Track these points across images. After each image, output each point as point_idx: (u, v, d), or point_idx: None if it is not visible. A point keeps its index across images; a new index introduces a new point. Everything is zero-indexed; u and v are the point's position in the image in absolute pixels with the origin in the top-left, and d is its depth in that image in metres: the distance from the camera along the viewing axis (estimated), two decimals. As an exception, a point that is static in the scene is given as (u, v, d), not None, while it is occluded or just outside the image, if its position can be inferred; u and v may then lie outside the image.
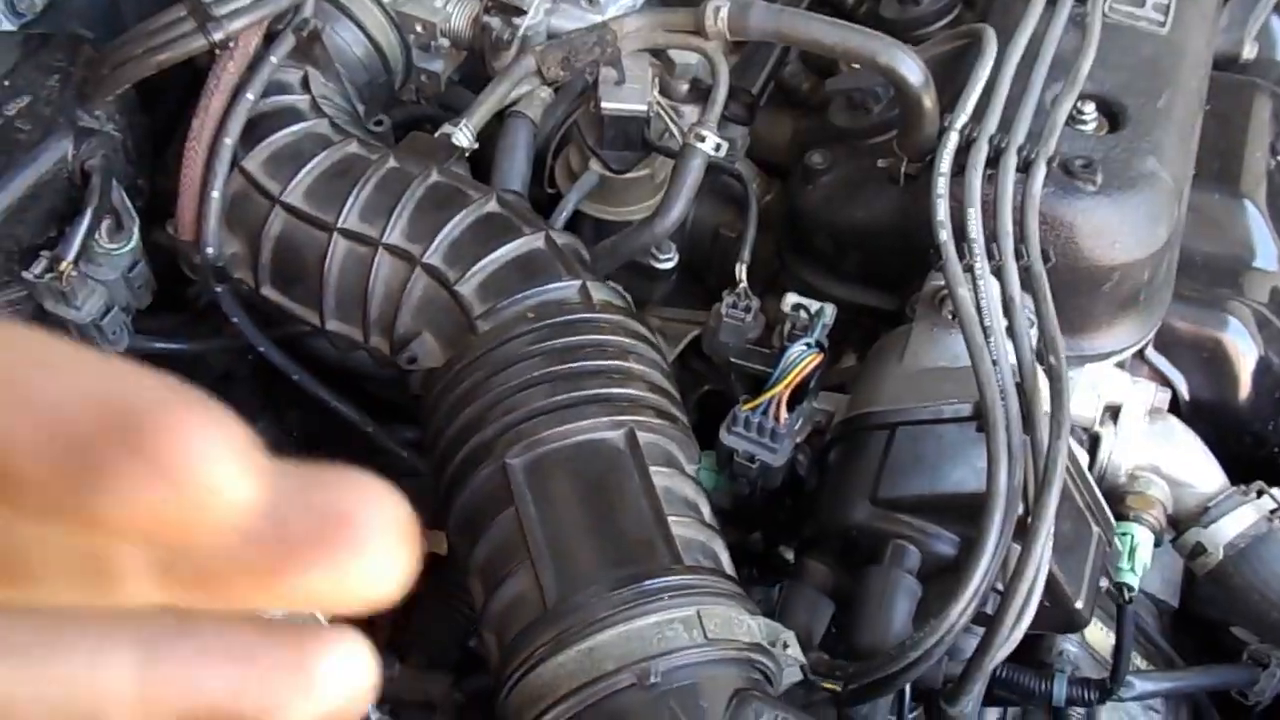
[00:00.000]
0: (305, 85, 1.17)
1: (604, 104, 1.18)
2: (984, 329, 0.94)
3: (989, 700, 1.01)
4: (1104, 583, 1.01)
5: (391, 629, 1.26)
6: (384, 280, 1.04)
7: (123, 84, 1.09)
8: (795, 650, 0.84)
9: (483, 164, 1.19)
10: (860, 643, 0.90)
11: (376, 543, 0.27)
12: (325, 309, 1.07)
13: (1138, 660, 1.11)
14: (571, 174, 1.24)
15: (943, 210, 1.01)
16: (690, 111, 1.26)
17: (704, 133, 1.12)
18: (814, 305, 1.08)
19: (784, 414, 1.02)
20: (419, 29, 1.28)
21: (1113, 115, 1.12)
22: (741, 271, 1.14)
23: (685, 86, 1.28)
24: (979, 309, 0.95)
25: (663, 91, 1.24)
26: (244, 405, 1.36)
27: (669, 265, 1.21)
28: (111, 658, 0.27)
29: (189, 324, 1.27)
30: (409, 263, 1.03)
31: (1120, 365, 1.16)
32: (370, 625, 0.29)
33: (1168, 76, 1.16)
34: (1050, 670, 1.05)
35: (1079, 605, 0.94)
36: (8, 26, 1.25)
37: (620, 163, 1.21)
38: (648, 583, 0.81)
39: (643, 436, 0.92)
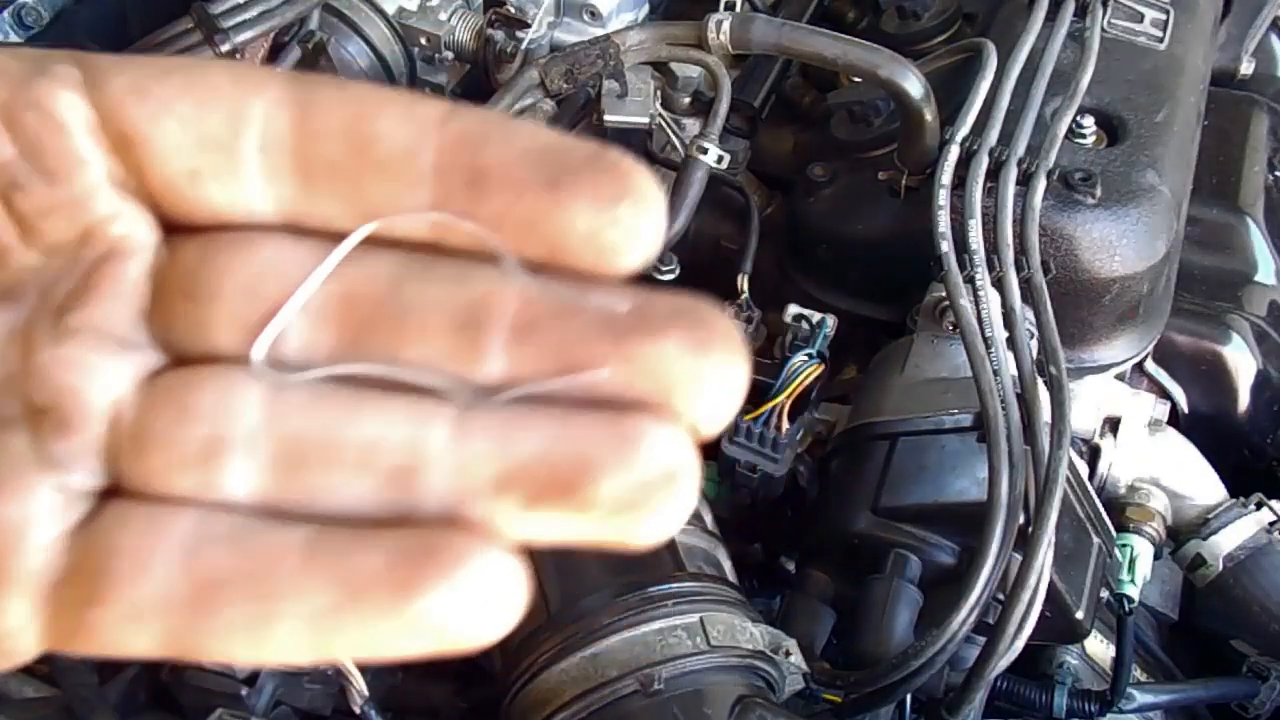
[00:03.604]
0: (310, 97, 1.17)
1: (606, 116, 1.18)
2: (985, 340, 0.94)
3: (990, 711, 1.01)
4: (1104, 594, 1.02)
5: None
6: (388, 290, 1.04)
7: (129, 95, 1.09)
8: (798, 658, 0.84)
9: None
10: (862, 651, 0.90)
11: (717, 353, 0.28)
12: (329, 318, 1.07)
13: (1137, 673, 1.11)
14: (574, 186, 1.24)
15: (943, 222, 1.01)
16: (692, 124, 1.27)
17: (706, 145, 1.13)
18: (815, 316, 1.08)
19: (785, 424, 1.03)
20: (423, 42, 1.29)
21: (1112, 129, 1.13)
22: (743, 283, 1.15)
23: (687, 99, 1.29)
24: (980, 320, 0.95)
25: (665, 104, 1.24)
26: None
27: (670, 277, 1.22)
28: (432, 419, 0.28)
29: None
30: (413, 273, 1.03)
31: (1120, 377, 1.16)
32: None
33: (1166, 91, 1.17)
34: (1051, 682, 1.06)
35: (1080, 615, 0.94)
36: (15, 39, 1.26)
37: (623, 175, 1.21)
38: (651, 589, 0.82)
39: (645, 445, 0.93)
